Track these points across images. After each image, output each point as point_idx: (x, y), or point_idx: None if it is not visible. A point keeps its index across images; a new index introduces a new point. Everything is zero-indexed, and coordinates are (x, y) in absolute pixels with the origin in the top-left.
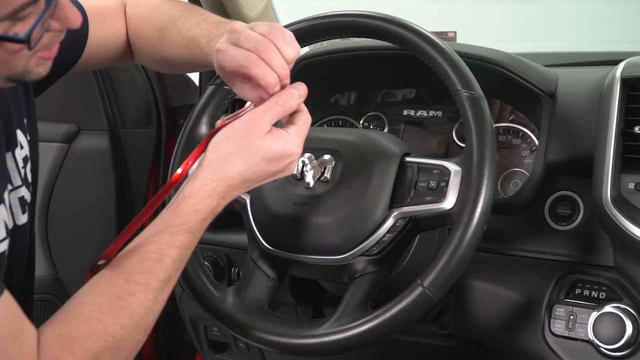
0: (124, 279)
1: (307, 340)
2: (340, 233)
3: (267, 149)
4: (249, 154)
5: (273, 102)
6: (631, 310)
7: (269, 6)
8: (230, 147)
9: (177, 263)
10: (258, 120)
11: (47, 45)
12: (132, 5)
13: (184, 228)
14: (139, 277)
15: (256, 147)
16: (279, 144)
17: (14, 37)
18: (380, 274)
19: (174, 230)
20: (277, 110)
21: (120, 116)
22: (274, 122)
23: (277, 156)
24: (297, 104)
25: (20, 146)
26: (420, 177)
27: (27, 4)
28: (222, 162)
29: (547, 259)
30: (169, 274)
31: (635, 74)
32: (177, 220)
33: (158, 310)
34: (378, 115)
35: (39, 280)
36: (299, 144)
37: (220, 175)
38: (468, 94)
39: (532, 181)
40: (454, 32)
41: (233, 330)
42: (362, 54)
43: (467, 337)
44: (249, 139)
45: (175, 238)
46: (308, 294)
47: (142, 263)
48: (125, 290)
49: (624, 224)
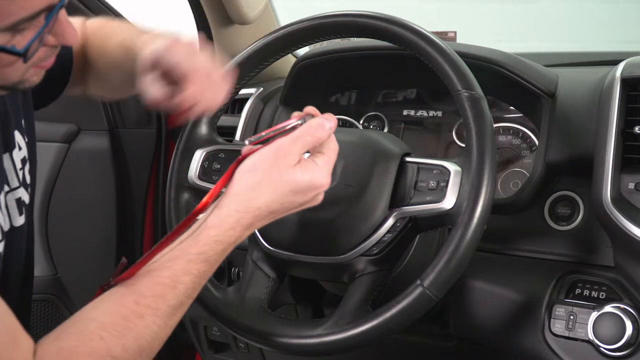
0: (134, 300)
1: (307, 340)
2: (340, 233)
3: (296, 180)
4: (277, 185)
5: (303, 131)
6: (631, 310)
7: (268, 6)
8: (257, 178)
9: (190, 291)
10: (287, 150)
11: (42, 59)
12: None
13: (201, 257)
14: (149, 301)
15: (285, 178)
16: (307, 175)
17: (12, 49)
18: (380, 274)
19: (191, 258)
20: (306, 141)
21: (120, 116)
22: (303, 152)
23: (305, 188)
24: (327, 135)
25: (19, 147)
26: (420, 177)
27: (27, 18)
28: (249, 193)
29: (547, 259)
30: (181, 300)
31: (635, 74)
32: (196, 248)
33: (165, 337)
34: (378, 115)
35: (39, 280)
36: (327, 174)
37: (247, 207)
38: (468, 94)
39: (532, 181)
40: (454, 32)
41: (233, 330)
42: (362, 54)
43: (467, 337)
44: (277, 169)
45: (191, 266)
46: (308, 294)
47: (155, 287)
48: (134, 311)
49: (624, 224)
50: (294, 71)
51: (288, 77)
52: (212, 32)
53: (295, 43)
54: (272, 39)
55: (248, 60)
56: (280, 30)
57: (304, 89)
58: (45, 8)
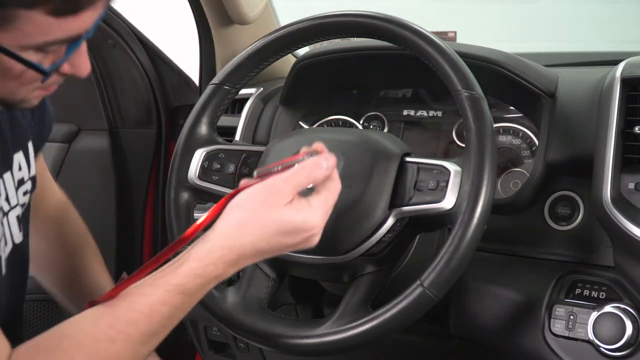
0: (108, 324)
1: (307, 340)
2: (340, 233)
3: (285, 220)
4: (264, 224)
5: (297, 170)
6: (631, 310)
7: (269, 6)
8: (246, 215)
9: (165, 321)
10: (279, 189)
11: (51, 83)
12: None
13: (180, 289)
14: (123, 326)
15: (273, 218)
16: (298, 216)
17: (40, 66)
18: (380, 274)
19: (170, 289)
20: (299, 180)
21: (120, 116)
22: (296, 192)
23: (294, 229)
24: (323, 176)
25: (19, 167)
26: (420, 177)
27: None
28: (235, 230)
29: (547, 259)
30: (154, 329)
31: (635, 74)
32: (175, 279)
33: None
34: (378, 115)
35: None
36: (322, 216)
37: (232, 244)
38: (468, 94)
39: (532, 181)
40: (454, 32)
41: (233, 330)
42: (362, 54)
43: (467, 337)
44: (266, 207)
45: (169, 297)
46: (308, 294)
47: (130, 313)
48: (106, 335)
49: (624, 224)
50: (294, 71)
51: (288, 77)
52: (212, 32)
53: (295, 43)
54: (272, 39)
55: (248, 60)
56: (280, 30)
57: (304, 89)
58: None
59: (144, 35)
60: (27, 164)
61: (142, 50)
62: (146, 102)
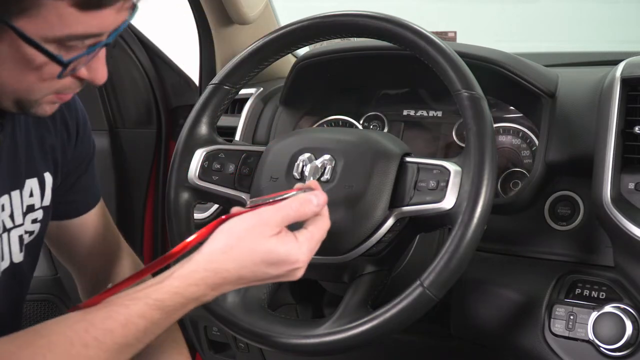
0: (84, 328)
1: (307, 340)
2: (341, 233)
3: (269, 251)
4: (249, 252)
5: (287, 204)
6: (631, 310)
7: (269, 6)
8: (232, 241)
9: (140, 334)
10: (266, 220)
11: (67, 88)
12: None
13: (158, 305)
14: (98, 333)
15: (258, 247)
16: (282, 248)
17: (59, 57)
18: (380, 274)
19: (149, 303)
20: (288, 214)
21: (120, 116)
22: (284, 225)
23: (278, 260)
24: (312, 212)
25: (30, 194)
26: (420, 177)
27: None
28: (219, 254)
29: (547, 259)
30: (129, 341)
31: (635, 74)
32: (155, 295)
33: None
34: (378, 115)
35: (39, 280)
36: (307, 251)
37: (215, 267)
38: (468, 94)
39: (532, 181)
40: (454, 32)
41: (233, 330)
42: (362, 54)
43: (467, 337)
44: (252, 236)
45: (147, 310)
46: (308, 294)
47: (107, 320)
48: (81, 339)
49: (624, 224)
50: (294, 71)
51: (288, 77)
52: (212, 32)
53: (295, 43)
54: (272, 39)
55: (248, 60)
56: (280, 30)
57: (304, 89)
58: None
59: (144, 35)
60: (40, 192)
61: (142, 50)
62: (146, 102)
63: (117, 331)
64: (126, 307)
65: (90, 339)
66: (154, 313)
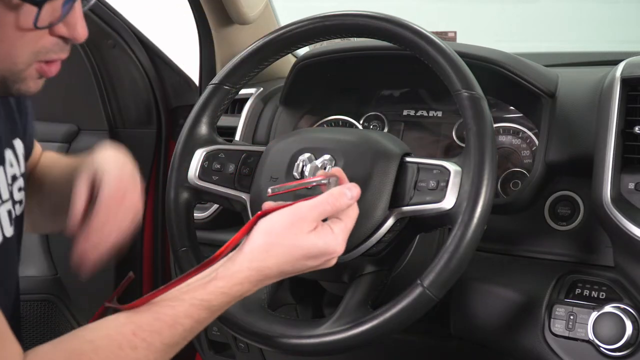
0: (132, 331)
1: (307, 340)
2: None
3: (309, 246)
4: (290, 249)
5: (324, 199)
6: (631, 310)
7: (268, 6)
8: (272, 240)
9: (187, 333)
10: (304, 216)
11: (49, 50)
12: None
13: (205, 305)
14: (146, 335)
15: (298, 244)
16: (321, 242)
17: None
18: (380, 274)
19: (195, 303)
20: (325, 209)
21: (120, 116)
22: (321, 219)
23: (317, 254)
24: (347, 205)
25: (10, 164)
26: (420, 177)
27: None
28: (262, 253)
29: (547, 259)
30: (176, 341)
31: (635, 74)
32: (201, 295)
33: None
34: (378, 115)
35: (39, 280)
36: (342, 242)
37: (258, 265)
38: (468, 94)
39: (532, 181)
40: (454, 32)
41: (233, 330)
42: (362, 54)
43: (467, 337)
44: (292, 233)
45: (194, 311)
46: (308, 294)
47: (154, 322)
48: (129, 342)
49: (624, 224)
50: (294, 71)
51: (288, 77)
52: (212, 32)
53: (295, 43)
54: (272, 39)
55: (248, 60)
56: (280, 30)
57: (304, 89)
58: None
59: (144, 35)
60: (16, 161)
61: (142, 50)
62: (146, 102)
63: (165, 332)
64: (172, 308)
65: (138, 341)
66: (201, 313)
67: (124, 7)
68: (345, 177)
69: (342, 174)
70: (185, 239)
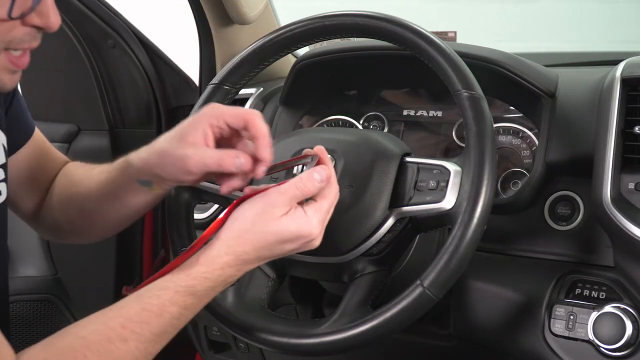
0: (120, 324)
1: (307, 340)
2: (340, 233)
3: (280, 230)
4: (262, 234)
5: (292, 183)
6: (631, 310)
7: (269, 6)
8: (246, 225)
9: (175, 321)
10: (274, 202)
11: (21, 40)
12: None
13: (189, 290)
14: (135, 326)
15: (269, 229)
16: (292, 225)
17: None
18: (380, 274)
19: (179, 290)
20: (295, 194)
21: (120, 116)
22: (292, 204)
23: (291, 237)
24: (317, 188)
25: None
26: (420, 177)
27: None
28: (236, 239)
29: (547, 259)
30: (164, 329)
31: (635, 74)
32: (185, 282)
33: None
34: (378, 115)
35: (39, 280)
36: (317, 223)
37: (234, 250)
38: (468, 94)
39: (532, 181)
40: (454, 32)
41: (233, 330)
42: (362, 54)
43: (467, 337)
44: (263, 219)
45: (179, 297)
46: (308, 294)
47: (142, 313)
48: (119, 335)
49: (624, 224)
50: (294, 71)
51: (288, 77)
52: (212, 32)
53: (295, 43)
54: (272, 39)
55: (248, 60)
56: (280, 30)
57: (304, 89)
58: None
59: (144, 35)
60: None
61: (142, 50)
62: (146, 102)
63: (153, 322)
64: (158, 298)
65: (128, 333)
66: (187, 299)
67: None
68: (325, 156)
69: (323, 152)
70: (185, 239)
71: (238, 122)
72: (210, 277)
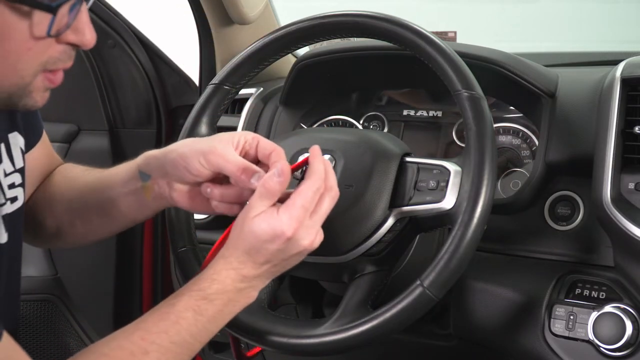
0: (140, 337)
1: (307, 340)
2: (340, 233)
3: (255, 230)
4: (243, 234)
5: (260, 184)
6: (631, 310)
7: (269, 6)
8: (236, 230)
9: (192, 328)
10: (250, 204)
11: (56, 60)
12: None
13: (200, 294)
14: (154, 337)
15: (246, 229)
16: (265, 224)
17: (44, 2)
18: (380, 274)
19: (192, 295)
20: (261, 192)
21: (120, 116)
22: (265, 204)
23: (267, 236)
24: (278, 183)
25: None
26: (420, 177)
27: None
28: (230, 241)
29: (547, 259)
30: (183, 337)
31: (635, 74)
32: (196, 286)
33: None
34: (378, 115)
35: (39, 280)
36: (288, 221)
37: (231, 253)
38: (468, 94)
39: (532, 181)
40: (454, 32)
41: (233, 330)
42: (362, 54)
43: (467, 337)
44: (242, 220)
45: (192, 302)
46: (308, 294)
47: (159, 323)
48: (140, 347)
49: (624, 224)
50: (294, 71)
51: (288, 77)
52: (212, 32)
53: (295, 43)
54: (272, 39)
55: (248, 60)
56: (280, 30)
57: (304, 89)
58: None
59: (144, 35)
60: (7, 156)
61: (142, 50)
62: (146, 102)
63: (171, 330)
64: (172, 305)
65: (148, 345)
66: (200, 303)
67: (124, 7)
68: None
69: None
70: (185, 239)
71: (268, 146)
72: (217, 279)
